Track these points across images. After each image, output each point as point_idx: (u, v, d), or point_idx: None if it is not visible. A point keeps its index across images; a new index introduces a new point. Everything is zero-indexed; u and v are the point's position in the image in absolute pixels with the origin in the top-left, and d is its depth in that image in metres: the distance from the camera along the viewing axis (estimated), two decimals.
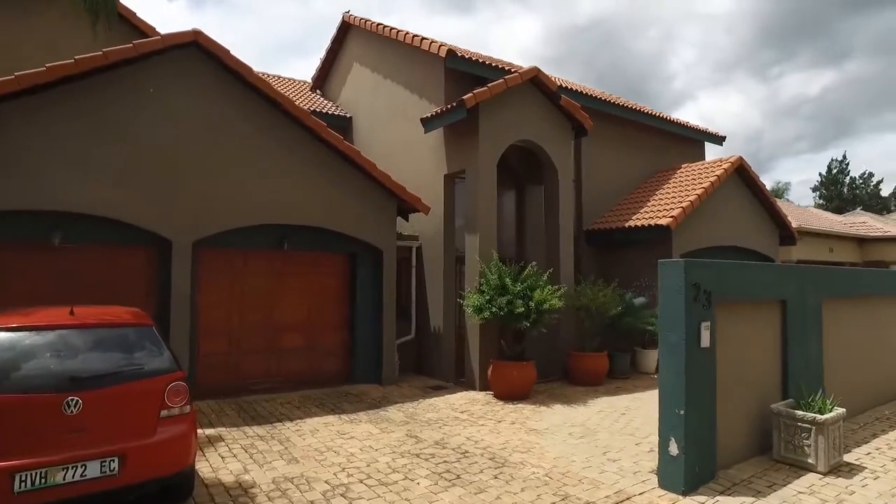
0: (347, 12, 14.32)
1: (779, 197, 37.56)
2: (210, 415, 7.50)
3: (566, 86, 12.75)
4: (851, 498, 4.82)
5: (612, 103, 13.37)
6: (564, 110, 11.02)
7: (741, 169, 13.24)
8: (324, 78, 16.08)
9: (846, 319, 7.28)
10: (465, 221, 10.32)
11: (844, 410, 5.51)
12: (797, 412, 5.38)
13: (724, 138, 16.44)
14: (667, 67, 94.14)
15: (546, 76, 10.50)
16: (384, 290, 10.00)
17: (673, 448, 4.90)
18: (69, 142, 7.24)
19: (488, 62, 11.06)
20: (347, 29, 14.74)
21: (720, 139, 16.38)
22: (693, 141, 16.00)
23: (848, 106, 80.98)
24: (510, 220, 12.39)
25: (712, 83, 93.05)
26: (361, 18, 13.61)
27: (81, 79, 7.28)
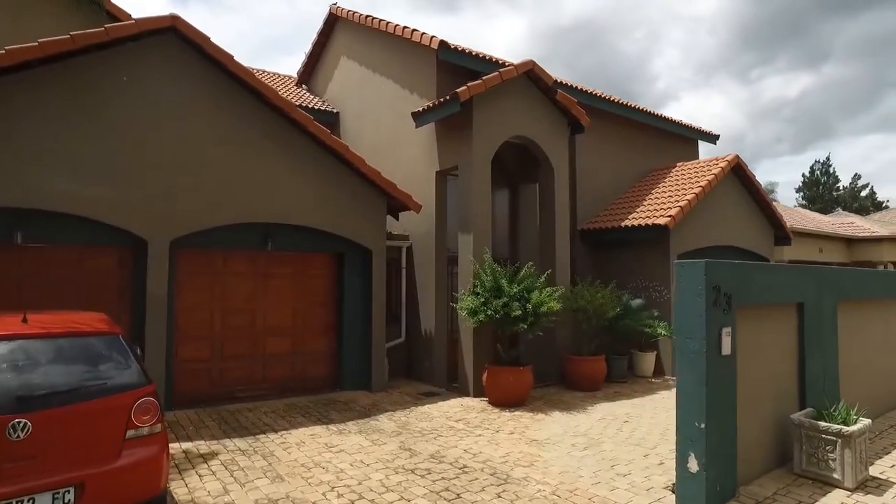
0: (334, 4, 13.82)
1: None
2: (188, 427, 6.99)
3: (560, 81, 12.37)
4: None
5: (607, 99, 13.03)
6: (560, 106, 10.65)
7: (738, 168, 12.98)
8: (310, 72, 15.56)
9: (859, 322, 6.98)
10: (458, 220, 9.90)
11: (870, 421, 5.17)
12: (821, 423, 5.04)
13: (718, 137, 16.22)
14: (650, 68, 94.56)
15: (542, 70, 10.12)
16: (374, 292, 9.54)
17: (692, 464, 4.52)
18: (33, 132, 6.69)
19: (482, 55, 10.65)
20: (335, 22, 14.24)
21: (714, 138, 16.15)
22: (686, 139, 15.74)
23: (825, 109, 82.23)
24: (503, 220, 11.98)
25: (695, 84, 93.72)
26: (349, 11, 13.13)
27: (48, 64, 6.74)
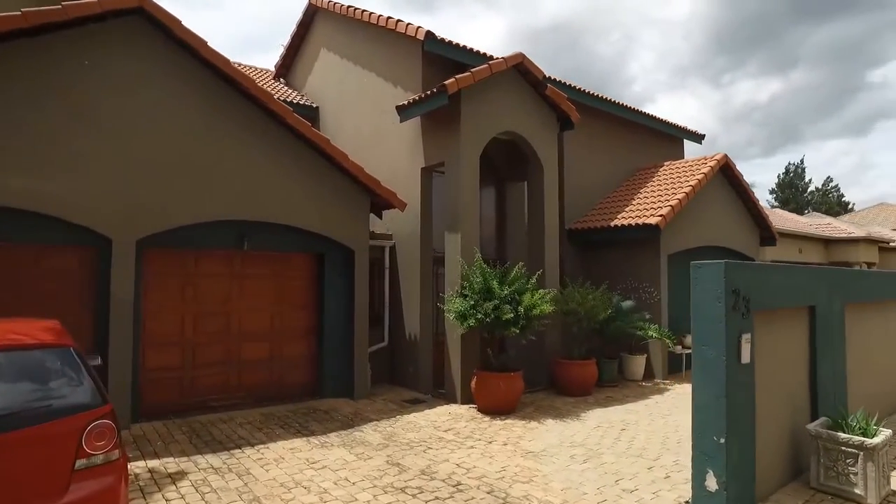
0: None
1: None
2: (156, 442, 6.43)
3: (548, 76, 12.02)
4: None
5: (596, 96, 12.71)
6: (550, 101, 10.29)
7: (726, 167, 12.79)
8: (288, 66, 14.97)
9: (863, 325, 6.74)
10: (444, 219, 9.47)
11: (891, 432, 4.89)
12: (840, 435, 4.73)
13: (703, 136, 16.08)
14: (627, 71, 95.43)
15: (532, 63, 9.75)
16: (356, 294, 9.04)
17: (711, 482, 4.16)
18: None
19: (469, 48, 10.23)
20: (314, 13, 13.69)
21: (699, 137, 16.00)
22: (672, 138, 15.55)
23: (794, 113, 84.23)
24: (489, 219, 11.58)
25: (670, 87, 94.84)
26: (330, 1, 12.58)
27: None
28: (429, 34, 9.45)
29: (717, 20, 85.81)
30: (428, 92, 9.07)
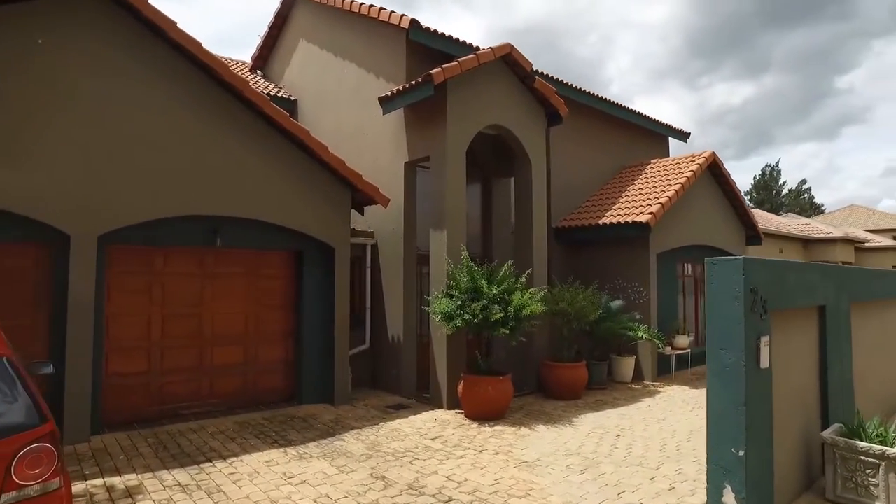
0: None
1: None
2: (117, 455, 5.88)
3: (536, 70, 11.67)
4: None
5: (582, 91, 12.41)
6: (538, 94, 9.94)
7: (714, 165, 12.60)
8: (265, 57, 14.40)
9: (866, 325, 6.51)
10: (429, 216, 9.05)
11: None
12: (859, 444, 4.44)
13: (689, 135, 15.92)
14: (604, 73, 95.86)
15: (520, 55, 9.37)
16: (336, 294, 8.56)
17: (729, 498, 3.81)
18: None
19: (455, 38, 9.82)
20: (293, 2, 13.15)
21: (685, 135, 15.84)
22: (658, 136, 15.35)
23: (766, 117, 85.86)
24: (475, 216, 11.18)
25: (647, 90, 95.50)
26: None
27: None
28: (414, 22, 9.02)
29: (693, 24, 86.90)
30: (413, 82, 8.64)
